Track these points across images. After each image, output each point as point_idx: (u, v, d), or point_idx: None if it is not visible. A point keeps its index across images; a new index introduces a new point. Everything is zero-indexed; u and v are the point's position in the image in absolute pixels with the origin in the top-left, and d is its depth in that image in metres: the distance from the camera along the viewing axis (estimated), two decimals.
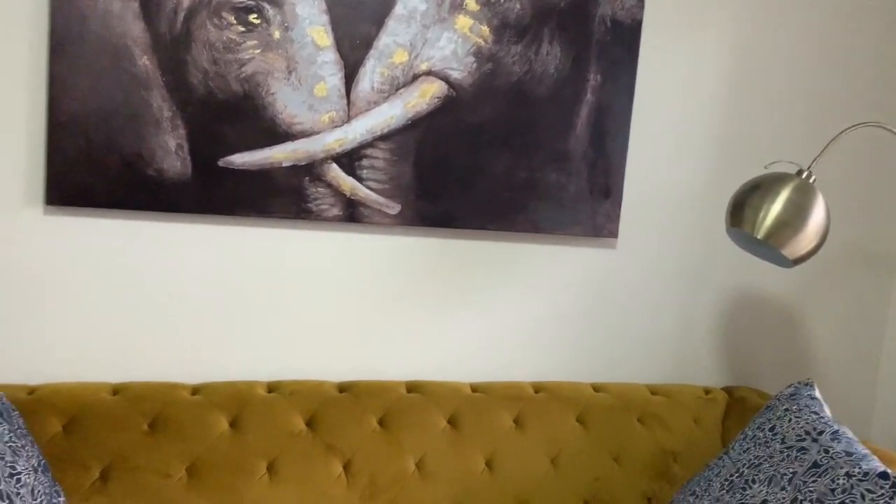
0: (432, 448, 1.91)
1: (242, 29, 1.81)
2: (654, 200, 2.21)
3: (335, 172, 1.92)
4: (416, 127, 1.96)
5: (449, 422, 1.96)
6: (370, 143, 1.94)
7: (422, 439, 1.91)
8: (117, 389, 1.81)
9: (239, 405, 1.84)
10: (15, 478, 1.43)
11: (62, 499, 1.56)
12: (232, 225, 1.90)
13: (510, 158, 2.03)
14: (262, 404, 1.85)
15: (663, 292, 2.26)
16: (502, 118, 2.01)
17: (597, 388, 2.14)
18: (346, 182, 1.94)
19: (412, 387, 2.01)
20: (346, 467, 1.84)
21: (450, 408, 1.97)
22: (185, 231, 1.88)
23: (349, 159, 1.93)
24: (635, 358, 2.26)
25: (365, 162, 1.94)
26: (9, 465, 1.44)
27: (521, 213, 2.06)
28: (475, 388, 2.05)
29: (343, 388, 1.96)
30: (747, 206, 1.83)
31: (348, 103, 1.91)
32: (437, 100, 1.96)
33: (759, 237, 1.79)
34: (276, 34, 1.84)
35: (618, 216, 2.14)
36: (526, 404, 2.03)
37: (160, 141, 1.80)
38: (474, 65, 1.98)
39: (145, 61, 1.77)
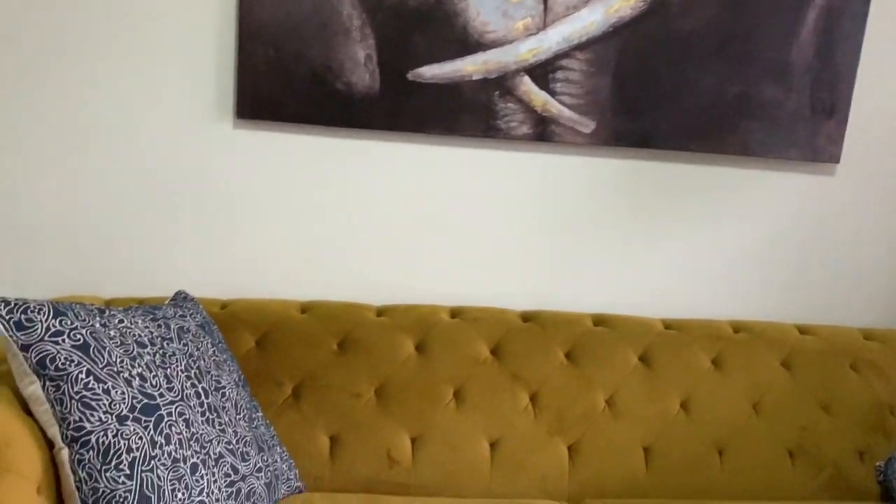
0: (623, 385, 1.79)
1: None
2: (887, 121, 1.92)
3: (527, 86, 1.78)
4: (618, 35, 1.77)
5: (640, 359, 1.82)
6: (566, 53, 1.77)
7: (612, 376, 1.79)
8: (306, 307, 1.79)
9: (424, 329, 1.78)
10: (221, 392, 1.44)
11: (259, 413, 1.57)
12: (419, 143, 1.81)
13: (721, 71, 1.81)
14: (446, 329, 1.79)
15: (886, 226, 1.99)
16: (715, 25, 1.78)
17: (803, 329, 1.93)
18: (538, 97, 1.79)
19: (599, 320, 1.88)
20: (533, 399, 1.76)
21: (641, 344, 1.84)
22: (373, 148, 1.80)
23: (542, 71, 1.77)
24: (848, 299, 2.02)
25: (559, 74, 1.78)
26: (214, 378, 1.44)
27: (730, 133, 1.85)
28: (668, 324, 1.90)
29: (527, 317, 1.86)
30: None
31: (545, 8, 1.74)
32: (642, 3, 1.76)
33: None
34: None
35: (841, 138, 1.88)
36: (725, 344, 1.86)
37: (349, 52, 1.71)
38: None
39: None
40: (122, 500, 1.19)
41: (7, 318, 1.20)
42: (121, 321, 1.35)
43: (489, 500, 1.62)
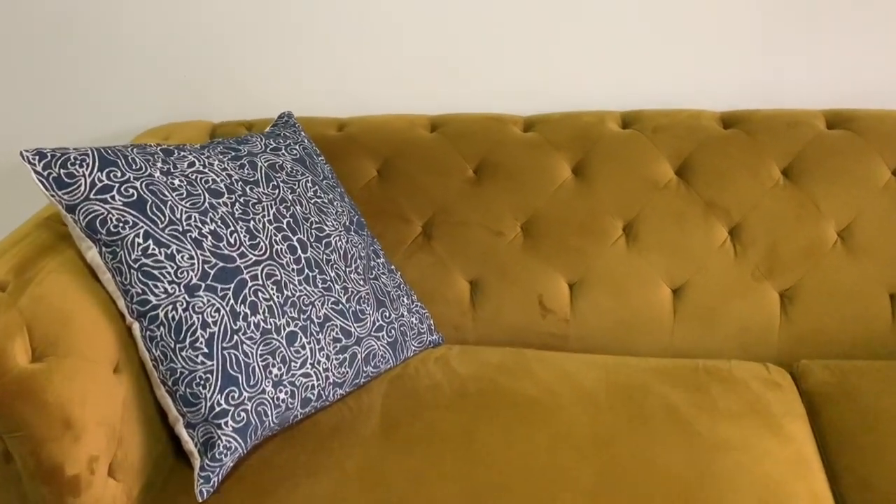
0: (866, 211, 1.30)
1: None
2: None
3: None
4: None
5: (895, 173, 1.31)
6: None
7: (850, 197, 1.30)
8: (436, 124, 1.45)
9: (585, 145, 1.38)
10: (324, 241, 1.18)
11: (381, 260, 1.31)
12: None
13: None
14: (615, 144, 1.37)
15: None
16: None
17: None
18: None
19: (835, 119, 1.36)
20: (735, 233, 1.33)
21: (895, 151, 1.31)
22: None
23: None
24: None
25: None
26: (315, 226, 1.18)
27: None
28: None
29: (729, 120, 1.38)
30: None
31: None
32: None
33: None
34: None
35: None
36: None
37: None
38: None
39: None
40: (203, 381, 1.00)
41: (45, 174, 0.99)
42: (191, 164, 1.10)
43: (670, 361, 1.28)
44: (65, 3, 1.52)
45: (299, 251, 1.14)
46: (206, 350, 1.01)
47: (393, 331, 1.24)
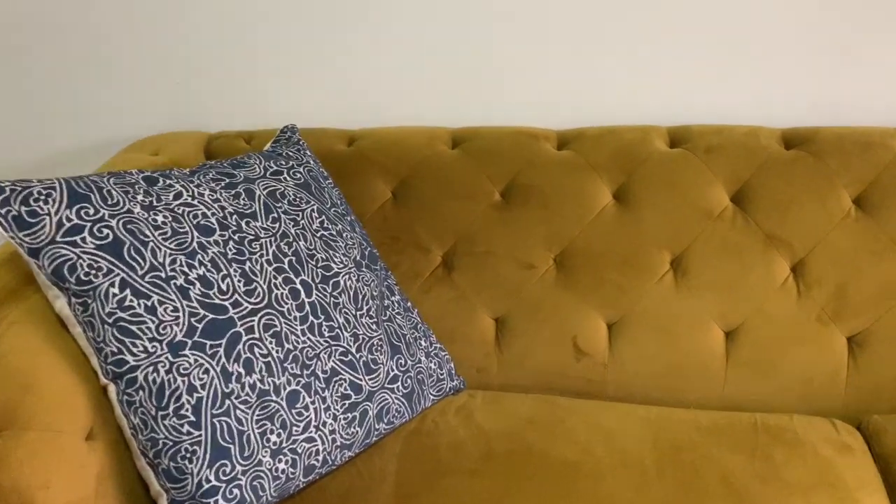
0: None
1: None
2: None
3: None
4: None
5: None
6: None
7: None
8: (458, 139, 1.29)
9: (627, 166, 1.22)
10: (331, 281, 1.03)
11: (396, 297, 1.16)
12: None
13: None
14: (662, 165, 1.21)
15: None
16: None
17: None
18: None
19: None
20: (798, 270, 1.17)
21: None
22: None
23: None
24: None
25: None
26: (322, 264, 1.03)
27: None
28: None
29: (792, 139, 1.22)
30: None
31: None
32: None
33: None
34: None
35: None
36: None
37: None
38: None
39: None
40: (189, 454, 0.86)
41: (3, 212, 0.84)
42: (177, 195, 0.95)
43: (723, 415, 1.12)
44: (47, 5, 1.37)
45: (303, 295, 0.99)
46: (192, 418, 0.86)
47: (409, 380, 1.09)
